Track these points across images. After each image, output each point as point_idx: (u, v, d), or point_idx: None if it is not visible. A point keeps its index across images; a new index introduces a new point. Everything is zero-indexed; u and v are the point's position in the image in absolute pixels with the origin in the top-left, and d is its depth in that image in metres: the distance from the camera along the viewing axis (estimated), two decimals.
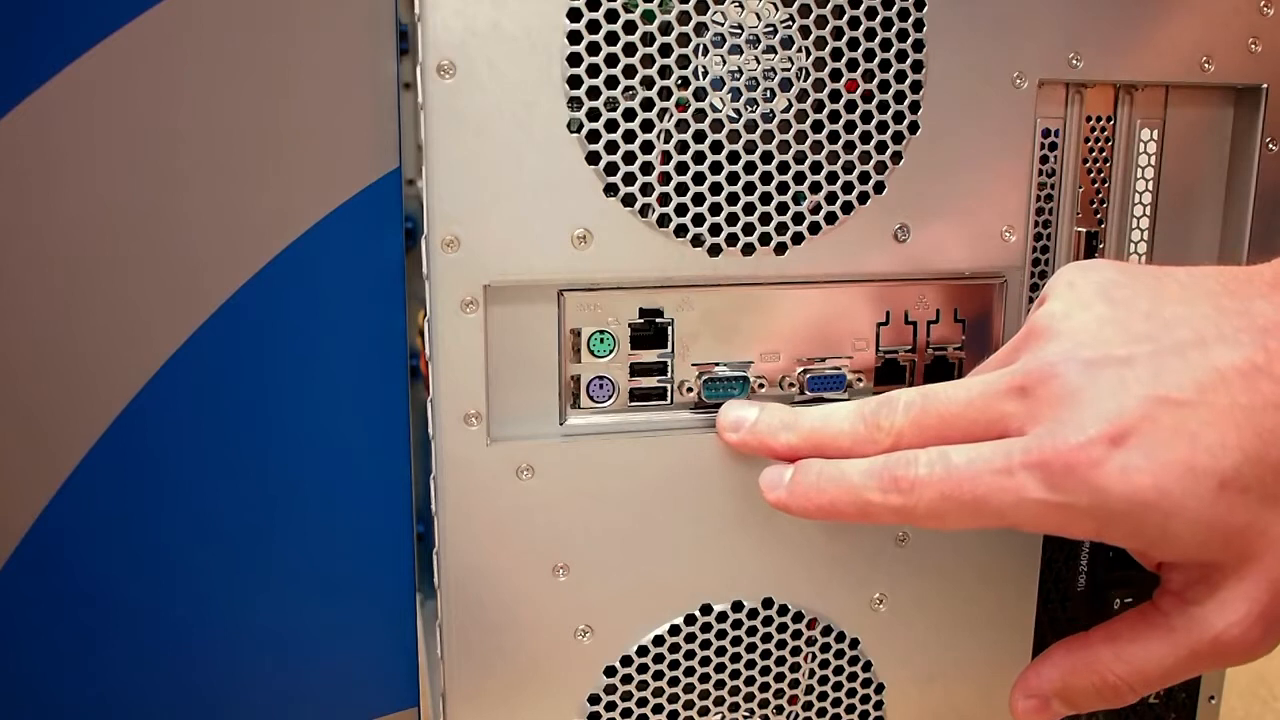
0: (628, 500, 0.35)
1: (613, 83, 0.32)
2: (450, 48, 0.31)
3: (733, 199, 0.33)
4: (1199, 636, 0.30)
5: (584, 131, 0.32)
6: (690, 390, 0.35)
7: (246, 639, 0.36)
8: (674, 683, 0.36)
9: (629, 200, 0.33)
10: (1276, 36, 0.37)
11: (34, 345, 0.33)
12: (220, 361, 0.34)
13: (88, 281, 0.33)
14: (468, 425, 0.33)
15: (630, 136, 0.32)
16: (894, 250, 0.35)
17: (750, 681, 0.37)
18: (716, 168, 0.33)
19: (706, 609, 0.36)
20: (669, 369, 0.35)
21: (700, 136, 0.33)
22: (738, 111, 0.33)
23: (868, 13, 0.33)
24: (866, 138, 0.34)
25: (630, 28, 0.32)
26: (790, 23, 0.33)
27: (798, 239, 0.34)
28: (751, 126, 0.33)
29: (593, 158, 0.32)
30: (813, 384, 0.36)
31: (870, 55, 0.34)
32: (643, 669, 0.36)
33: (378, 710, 0.38)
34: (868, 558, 0.37)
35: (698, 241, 0.33)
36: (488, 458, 0.33)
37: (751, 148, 0.33)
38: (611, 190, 0.33)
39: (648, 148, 0.32)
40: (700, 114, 0.33)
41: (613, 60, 0.32)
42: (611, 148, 0.32)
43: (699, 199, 0.33)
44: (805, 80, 0.33)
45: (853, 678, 0.38)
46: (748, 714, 0.37)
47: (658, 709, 0.36)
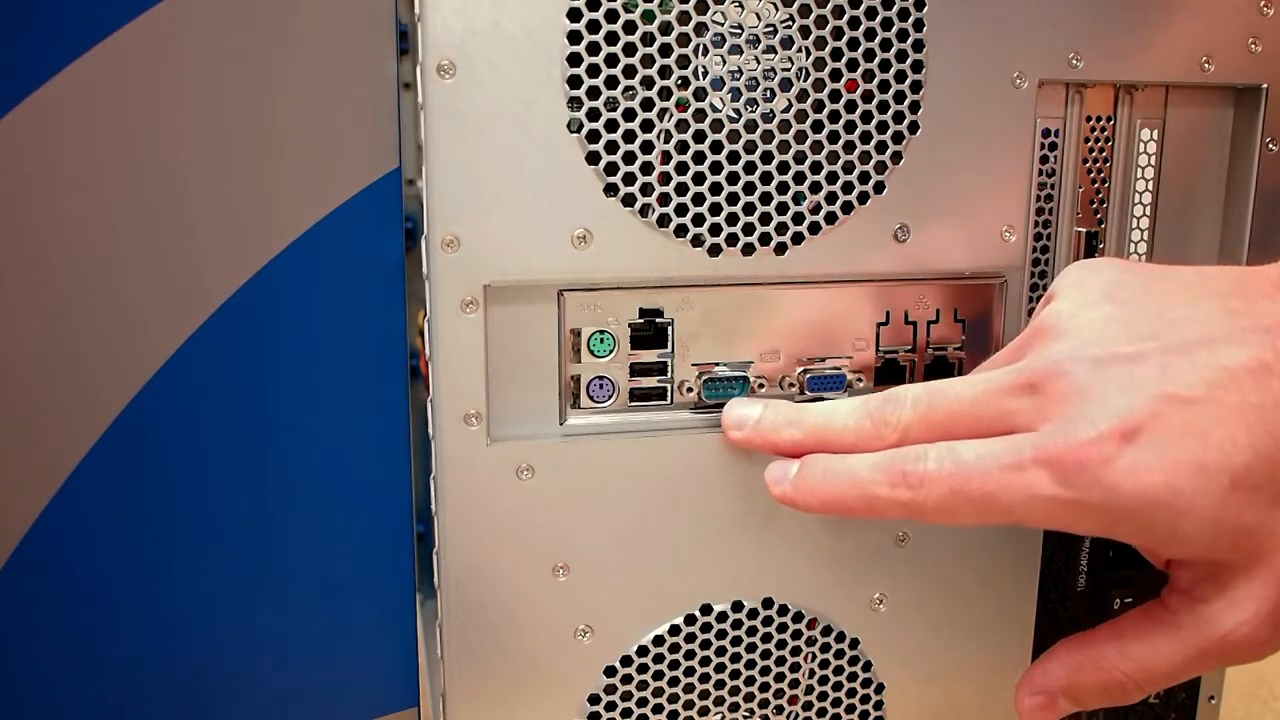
0: (628, 500, 0.35)
1: (613, 83, 0.32)
2: (450, 48, 0.31)
3: (733, 199, 0.33)
4: (1207, 635, 0.30)
5: (584, 131, 0.32)
6: (690, 390, 0.35)
7: (246, 639, 0.36)
8: (674, 683, 0.36)
9: (629, 200, 0.33)
10: (1276, 36, 0.37)
11: (34, 345, 0.33)
12: (220, 361, 0.34)
13: (88, 281, 0.33)
14: (468, 425, 0.33)
15: (630, 136, 0.32)
16: (894, 250, 0.35)
17: (750, 681, 0.37)
18: (716, 168, 0.33)
19: (706, 609, 0.36)
20: (669, 369, 0.35)
21: (700, 136, 0.33)
22: (738, 111, 0.33)
23: (868, 13, 0.33)
24: (866, 138, 0.34)
25: (630, 28, 0.32)
26: (790, 23, 0.33)
27: (798, 239, 0.34)
28: (751, 126, 0.33)
29: (593, 158, 0.32)
30: (813, 384, 0.36)
31: (870, 55, 0.34)
32: (643, 669, 0.36)
33: (378, 710, 0.38)
34: (868, 558, 0.37)
35: (698, 241, 0.33)
36: (488, 458, 0.33)
37: (751, 148, 0.33)
38: (611, 190, 0.33)
39: (648, 148, 0.32)
40: (700, 114, 0.33)
41: (613, 60, 0.32)
42: (611, 148, 0.32)
43: (699, 199, 0.33)
44: (805, 80, 0.33)
45: (853, 678, 0.38)
46: (748, 714, 0.37)
47: (658, 709, 0.36)
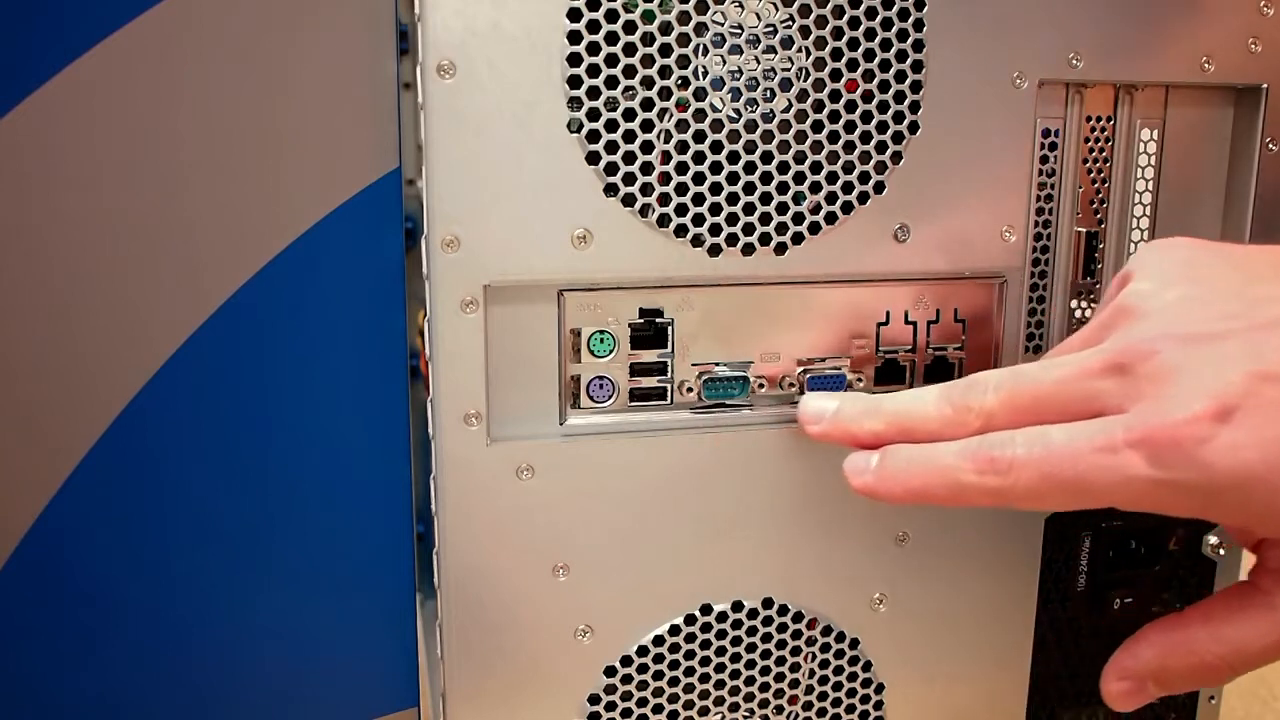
0: (628, 500, 0.35)
1: (613, 83, 0.32)
2: (450, 48, 0.31)
3: (732, 199, 0.33)
4: None
5: (584, 131, 0.32)
6: (690, 390, 0.35)
7: (246, 639, 0.36)
8: (674, 683, 0.36)
9: (629, 200, 0.33)
10: (1276, 36, 0.37)
11: (34, 345, 0.33)
12: (220, 361, 0.34)
13: (88, 281, 0.33)
14: (468, 425, 0.33)
15: (630, 136, 0.32)
16: (894, 250, 0.35)
17: (750, 681, 0.37)
18: (716, 168, 0.33)
19: (706, 609, 0.36)
20: (669, 369, 0.35)
21: (700, 136, 0.33)
22: (738, 111, 0.33)
23: (868, 13, 0.33)
24: (866, 138, 0.34)
25: (630, 28, 0.32)
26: (790, 23, 0.33)
27: (798, 239, 0.34)
28: (751, 126, 0.33)
29: (593, 158, 0.32)
30: (813, 384, 0.36)
31: (870, 55, 0.34)
32: (643, 669, 0.36)
33: (378, 710, 0.38)
34: (868, 558, 0.37)
35: (698, 241, 0.33)
36: (488, 458, 0.33)
37: (751, 148, 0.33)
38: (611, 190, 0.33)
39: (648, 148, 0.32)
40: (700, 114, 0.33)
41: (613, 60, 0.32)
42: (611, 148, 0.32)
43: (699, 199, 0.33)
44: (805, 80, 0.33)
45: (853, 678, 0.38)
46: (748, 714, 0.37)
47: (658, 709, 0.36)
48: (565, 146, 0.32)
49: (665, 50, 0.32)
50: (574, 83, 0.32)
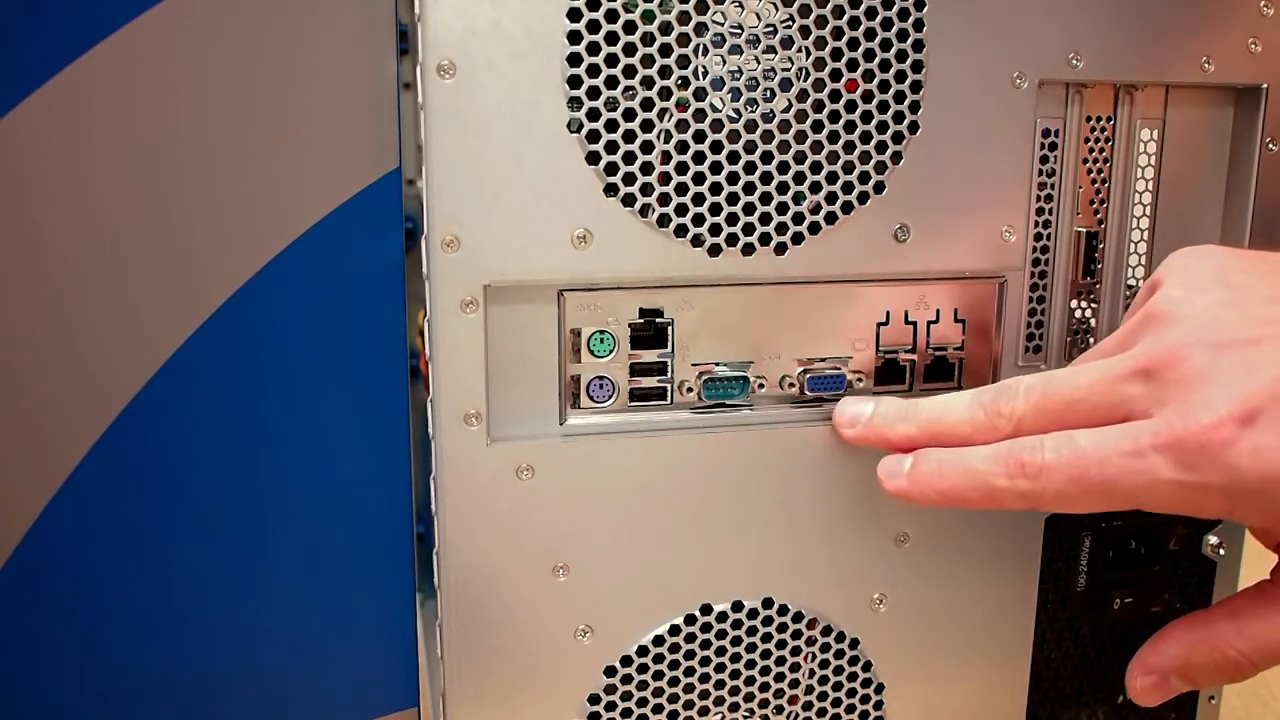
0: (628, 500, 0.35)
1: (613, 83, 0.32)
2: (450, 48, 0.31)
3: (732, 199, 0.33)
4: None
5: (584, 131, 0.32)
6: (690, 390, 0.35)
7: (246, 638, 0.36)
8: (674, 683, 0.36)
9: (629, 200, 0.33)
10: (1276, 36, 0.37)
11: (34, 345, 0.33)
12: (220, 361, 0.34)
13: (88, 281, 0.33)
14: (468, 425, 0.33)
15: (630, 136, 0.32)
16: (894, 250, 0.35)
17: (750, 681, 0.37)
18: (716, 168, 0.33)
19: (706, 609, 0.36)
20: (669, 369, 0.35)
21: (700, 136, 0.33)
22: (738, 111, 0.33)
23: (868, 13, 0.33)
24: (866, 138, 0.34)
25: (630, 28, 0.32)
26: (790, 23, 0.33)
27: (798, 239, 0.34)
28: (751, 126, 0.33)
29: (593, 158, 0.32)
30: (813, 384, 0.36)
31: (870, 55, 0.34)
32: (643, 669, 0.36)
33: (378, 710, 0.38)
34: (868, 558, 0.37)
35: (698, 241, 0.33)
36: (488, 458, 0.33)
37: (751, 148, 0.33)
38: (611, 190, 0.33)
39: (648, 148, 0.32)
40: (700, 114, 0.33)
41: (613, 60, 0.32)
42: (611, 148, 0.32)
43: (699, 199, 0.33)
44: (805, 80, 0.33)
45: (853, 678, 0.38)
46: (748, 714, 0.37)
47: (658, 709, 0.36)
48: (565, 146, 0.32)
49: (665, 50, 0.32)
50: (574, 83, 0.32)
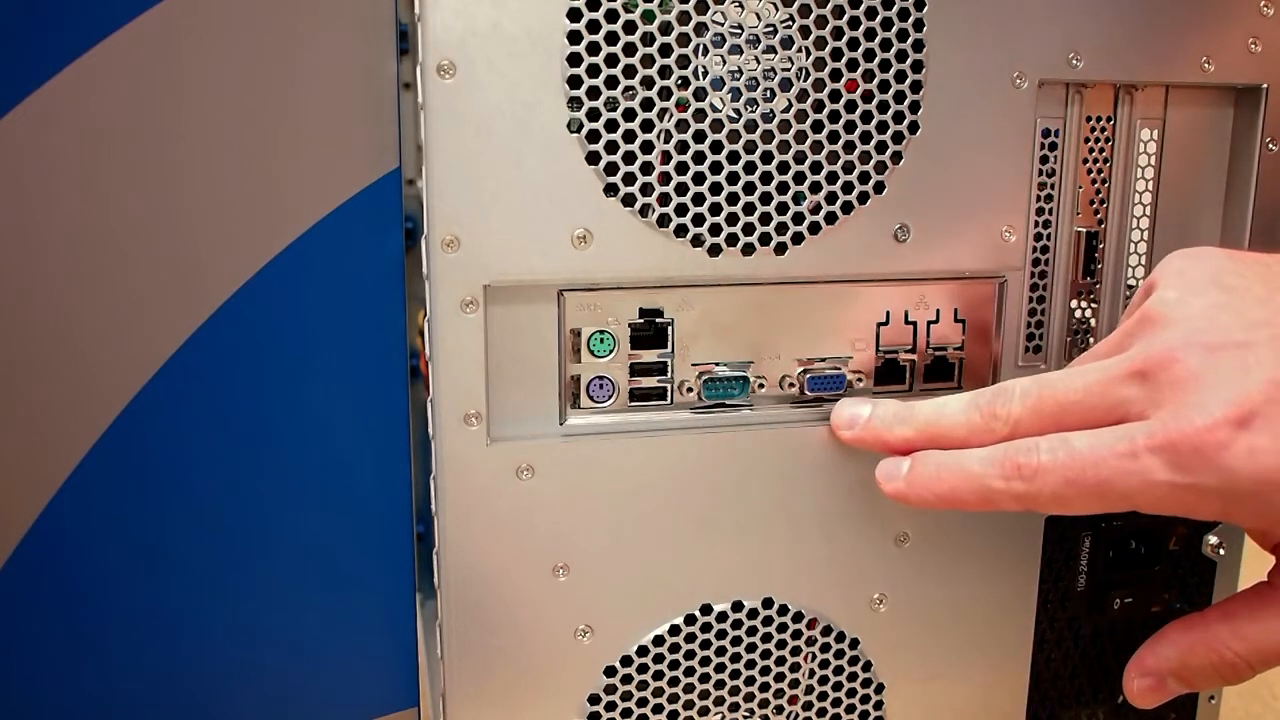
0: (628, 500, 0.35)
1: (613, 83, 0.32)
2: (450, 48, 0.31)
3: (732, 199, 0.33)
4: None
5: (584, 131, 0.32)
6: (690, 390, 0.35)
7: (246, 638, 0.36)
8: (674, 683, 0.36)
9: (629, 200, 0.33)
10: (1276, 36, 0.37)
11: (34, 345, 0.33)
12: (220, 361, 0.34)
13: (88, 281, 0.33)
14: (468, 425, 0.33)
15: (630, 136, 0.32)
16: (894, 250, 0.35)
17: (750, 681, 0.37)
18: (716, 168, 0.33)
19: (706, 609, 0.36)
20: (669, 369, 0.35)
21: (700, 136, 0.33)
22: (738, 111, 0.33)
23: (868, 13, 0.33)
24: (866, 138, 0.34)
25: (630, 28, 0.32)
26: (790, 23, 0.33)
27: (798, 239, 0.34)
28: (751, 126, 0.33)
29: (593, 158, 0.32)
30: (813, 384, 0.36)
31: (870, 55, 0.34)
32: (643, 669, 0.36)
33: (378, 710, 0.38)
34: (868, 558, 0.37)
35: (698, 241, 0.33)
36: (488, 458, 0.33)
37: (751, 148, 0.33)
38: (611, 190, 0.33)
39: (648, 148, 0.32)
40: (700, 114, 0.33)
41: (613, 60, 0.32)
42: (611, 148, 0.32)
43: (699, 199, 0.33)
44: (805, 80, 0.33)
45: (853, 678, 0.38)
46: (748, 714, 0.37)
47: (658, 709, 0.36)
48: (565, 146, 0.32)
49: (665, 50, 0.32)
50: (574, 83, 0.32)
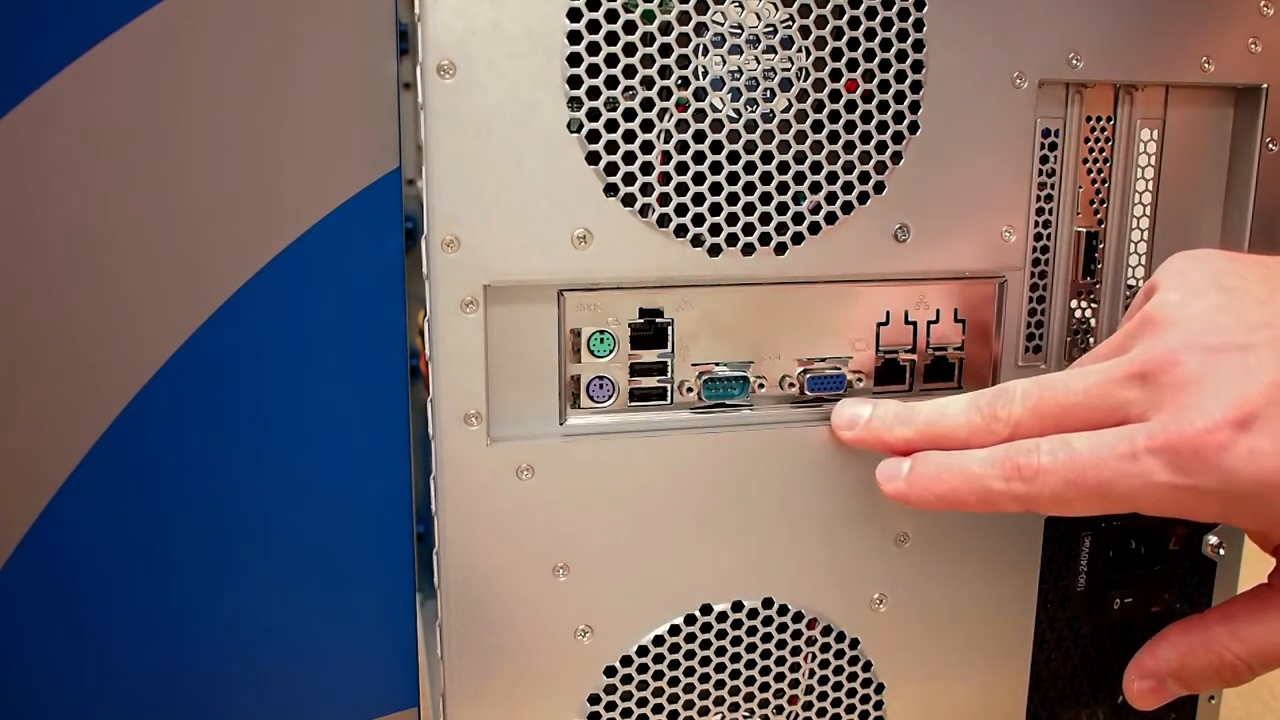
0: (628, 500, 0.35)
1: (613, 83, 0.32)
2: (450, 48, 0.31)
3: (732, 199, 0.33)
4: None
5: (584, 131, 0.32)
6: (690, 390, 0.35)
7: (246, 638, 0.36)
8: (674, 683, 0.36)
9: (629, 200, 0.33)
10: (1276, 36, 0.37)
11: (34, 345, 0.33)
12: (220, 361, 0.34)
13: (88, 281, 0.33)
14: (468, 425, 0.33)
15: (630, 136, 0.32)
16: (894, 250, 0.35)
17: (750, 681, 0.37)
18: (716, 168, 0.33)
19: (706, 609, 0.36)
20: (669, 369, 0.35)
21: (700, 136, 0.33)
22: (738, 111, 0.33)
23: (868, 13, 0.33)
24: (866, 138, 0.34)
25: (630, 28, 0.32)
26: (790, 23, 0.33)
27: (798, 239, 0.34)
28: (751, 126, 0.33)
29: (593, 158, 0.32)
30: (813, 384, 0.36)
31: (870, 55, 0.34)
32: (643, 669, 0.36)
33: (378, 710, 0.38)
34: (868, 558, 0.37)
35: (698, 241, 0.33)
36: (488, 458, 0.33)
37: (751, 148, 0.33)
38: (611, 190, 0.33)
39: (648, 148, 0.32)
40: (700, 114, 0.33)
41: (613, 60, 0.32)
42: (611, 148, 0.32)
43: (699, 199, 0.33)
44: (805, 80, 0.33)
45: (853, 678, 0.38)
46: (748, 714, 0.37)
47: (658, 709, 0.36)
48: (565, 146, 0.32)
49: (665, 50, 0.32)
50: (574, 83, 0.32)
